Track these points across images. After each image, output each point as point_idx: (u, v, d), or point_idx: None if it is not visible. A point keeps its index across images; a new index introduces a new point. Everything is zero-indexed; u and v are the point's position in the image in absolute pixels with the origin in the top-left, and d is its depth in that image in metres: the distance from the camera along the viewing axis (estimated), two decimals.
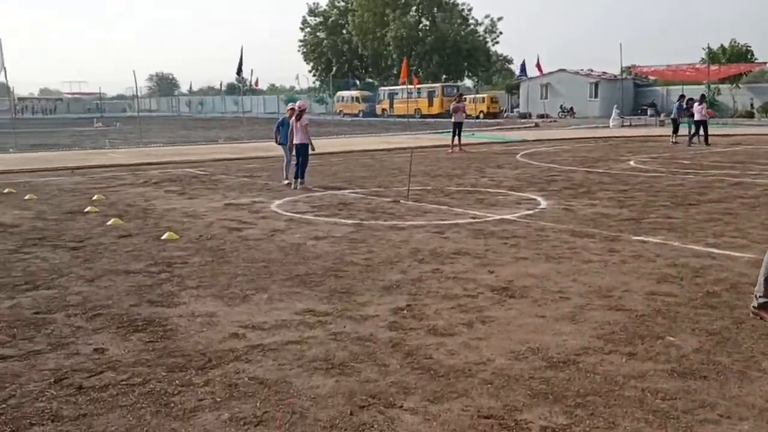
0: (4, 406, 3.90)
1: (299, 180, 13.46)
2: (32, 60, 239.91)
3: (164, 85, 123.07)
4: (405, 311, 5.55)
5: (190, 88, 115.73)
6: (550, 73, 55.68)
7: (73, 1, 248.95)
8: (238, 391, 4.06)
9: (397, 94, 57.43)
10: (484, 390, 4.05)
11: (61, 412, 3.82)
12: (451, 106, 23.63)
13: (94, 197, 12.12)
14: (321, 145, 20.45)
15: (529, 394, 3.99)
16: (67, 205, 11.53)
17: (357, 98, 63.71)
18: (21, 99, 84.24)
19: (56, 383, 4.20)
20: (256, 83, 71.02)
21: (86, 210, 10.73)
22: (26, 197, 12.29)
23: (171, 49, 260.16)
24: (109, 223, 9.59)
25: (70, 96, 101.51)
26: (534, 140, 27.51)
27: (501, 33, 71.72)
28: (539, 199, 11.61)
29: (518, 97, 60.69)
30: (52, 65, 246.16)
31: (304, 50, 77.94)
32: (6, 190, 13.20)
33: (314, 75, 79.22)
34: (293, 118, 13.57)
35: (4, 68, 26.95)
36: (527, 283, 6.33)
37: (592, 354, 4.58)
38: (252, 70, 72.74)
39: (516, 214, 10.09)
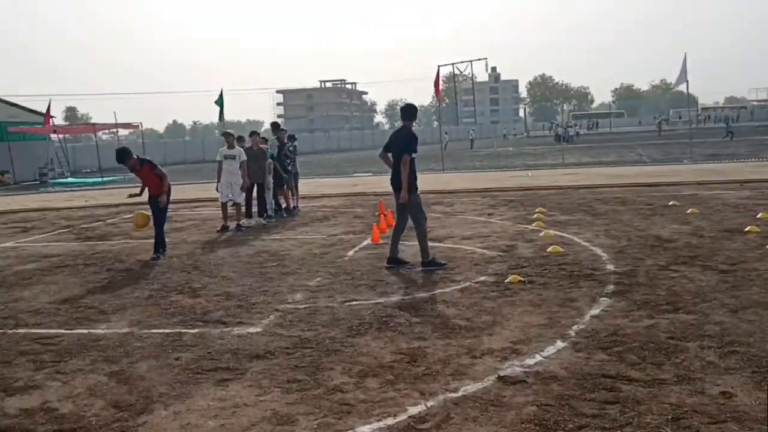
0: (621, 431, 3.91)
1: None
2: (720, 67, 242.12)
3: None
4: None
5: None
6: None
7: None
8: None
9: None
10: None
11: None
12: None
13: (758, 215, 11.29)
14: None
15: None
16: (727, 222, 11.05)
17: None
18: (704, 108, 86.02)
19: (673, 421, 3.99)
20: None
21: (746, 229, 10.05)
22: (688, 211, 12.30)
23: None
24: None
25: (755, 103, 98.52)
26: None
27: None
28: None
29: None
30: (739, 71, 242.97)
31: None
32: (671, 203, 13.52)
33: None
34: None
35: (686, 80, 27.77)
36: None
37: None
38: None
39: None
